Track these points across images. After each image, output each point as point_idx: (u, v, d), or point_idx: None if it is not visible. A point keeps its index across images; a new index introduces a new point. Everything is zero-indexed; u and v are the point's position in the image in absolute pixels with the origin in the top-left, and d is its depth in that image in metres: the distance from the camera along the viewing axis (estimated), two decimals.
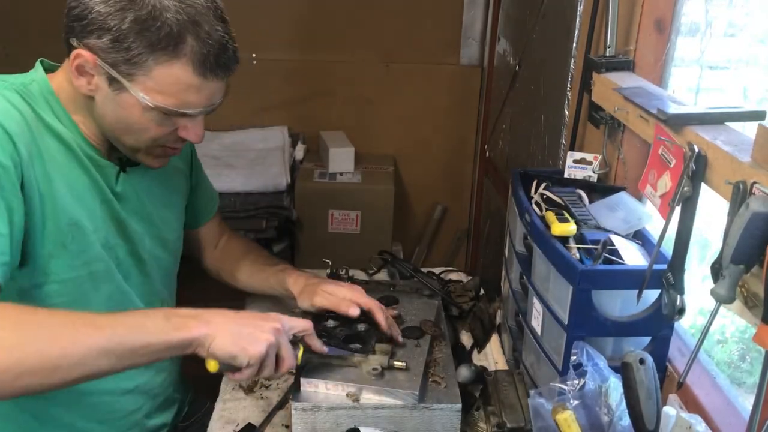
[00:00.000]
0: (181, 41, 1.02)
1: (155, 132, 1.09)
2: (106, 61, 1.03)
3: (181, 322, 0.99)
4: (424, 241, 2.96)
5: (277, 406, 1.30)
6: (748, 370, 1.25)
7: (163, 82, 1.03)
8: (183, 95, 1.05)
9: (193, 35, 1.02)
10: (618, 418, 1.01)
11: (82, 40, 1.03)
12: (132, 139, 1.11)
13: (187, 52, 1.02)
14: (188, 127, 1.11)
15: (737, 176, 0.89)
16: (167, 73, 1.03)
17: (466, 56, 2.78)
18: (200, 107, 1.08)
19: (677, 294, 1.04)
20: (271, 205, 2.47)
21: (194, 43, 1.03)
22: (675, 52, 1.35)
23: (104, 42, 1.02)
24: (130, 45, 1.01)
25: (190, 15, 1.02)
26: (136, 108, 1.06)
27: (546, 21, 1.86)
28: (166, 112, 1.06)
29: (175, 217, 1.35)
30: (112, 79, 1.04)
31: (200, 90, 1.06)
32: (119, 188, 1.18)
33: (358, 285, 1.52)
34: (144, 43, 1.01)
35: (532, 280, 1.25)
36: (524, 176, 1.41)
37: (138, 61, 1.02)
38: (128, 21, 1.00)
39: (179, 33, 1.01)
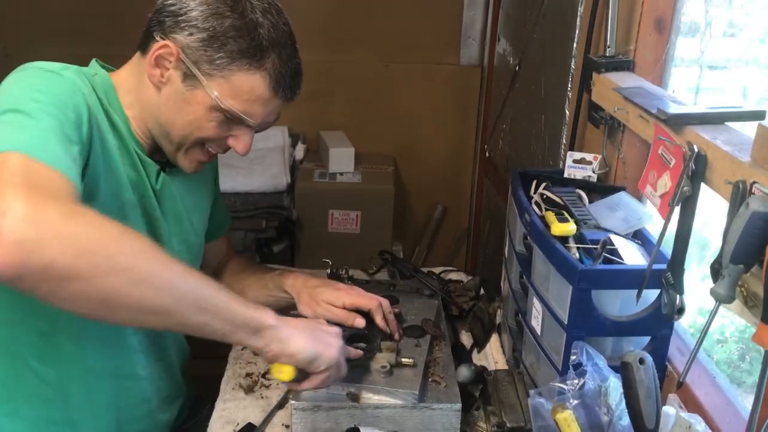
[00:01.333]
0: (266, 55, 1.11)
1: (210, 132, 1.15)
2: (189, 57, 1.10)
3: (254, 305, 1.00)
4: (424, 241, 2.96)
5: (277, 405, 1.30)
6: (748, 369, 1.25)
7: (238, 89, 1.11)
8: (251, 105, 1.13)
9: (277, 54, 1.12)
10: (618, 417, 1.01)
11: (168, 34, 1.11)
12: (181, 135, 1.15)
13: (268, 66, 1.12)
14: (239, 137, 1.17)
15: (737, 176, 0.89)
16: (245, 81, 1.11)
17: (466, 56, 2.78)
18: (259, 120, 1.15)
19: (677, 294, 1.04)
20: (271, 205, 2.47)
21: (276, 61, 1.12)
22: (675, 52, 1.35)
23: (194, 39, 1.09)
24: (220, 47, 1.09)
25: (279, 36, 1.13)
26: (203, 106, 1.12)
27: (546, 21, 1.86)
28: (231, 115, 1.12)
29: (202, 223, 1.39)
30: (187, 75, 1.10)
31: (267, 104, 1.15)
32: (158, 186, 1.22)
33: (359, 285, 1.53)
34: (235, 48, 1.09)
35: (532, 279, 1.25)
36: (524, 176, 1.41)
37: (222, 63, 1.09)
38: (226, 25, 1.09)
39: (267, 48, 1.11)
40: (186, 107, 1.13)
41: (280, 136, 2.72)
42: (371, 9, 2.69)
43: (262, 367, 1.41)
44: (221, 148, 1.20)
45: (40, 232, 0.79)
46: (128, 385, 1.27)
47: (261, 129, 1.19)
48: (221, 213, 1.50)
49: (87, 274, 0.81)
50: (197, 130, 1.15)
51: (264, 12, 1.12)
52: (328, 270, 1.55)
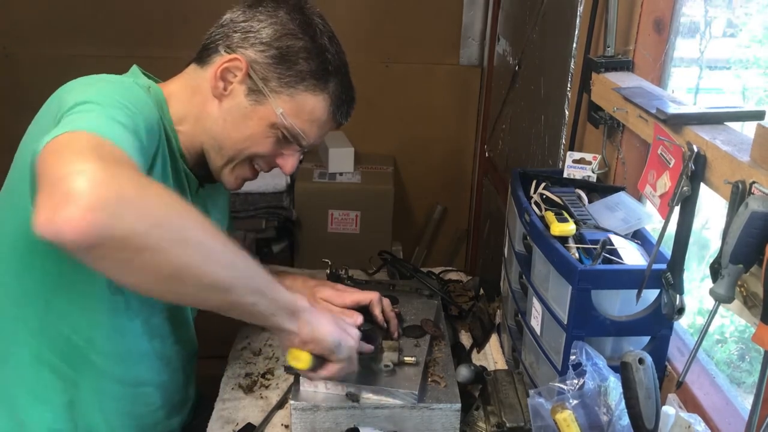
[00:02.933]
0: (330, 80, 1.17)
1: (264, 148, 1.17)
2: (257, 73, 1.13)
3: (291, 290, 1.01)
4: (423, 241, 2.96)
5: (276, 406, 1.30)
6: (748, 369, 1.25)
7: (301, 108, 1.15)
8: (310, 125, 1.17)
9: (339, 80, 1.18)
10: (617, 417, 1.01)
11: (236, 49, 1.13)
12: (234, 150, 1.17)
13: (331, 90, 1.17)
14: (288, 156, 1.21)
15: (736, 176, 0.89)
16: (309, 101, 1.15)
17: (465, 56, 2.78)
18: (312, 141, 1.19)
19: (676, 294, 1.04)
20: (271, 205, 2.47)
21: (337, 86, 1.18)
22: (674, 52, 1.35)
23: (264, 56, 1.13)
24: (291, 66, 1.13)
25: (342, 63, 1.19)
26: (265, 122, 1.14)
27: (546, 21, 1.86)
28: (289, 133, 1.16)
29: None
30: (252, 90, 1.13)
31: (323, 126, 1.19)
32: (195, 201, 1.24)
33: (358, 285, 1.53)
34: (305, 68, 1.13)
35: (532, 280, 1.25)
36: (524, 176, 1.41)
37: (291, 82, 1.13)
38: (299, 46, 1.13)
39: (332, 73, 1.16)
40: (246, 122, 1.15)
41: None
42: (371, 9, 2.69)
43: (261, 367, 1.41)
44: (268, 165, 1.23)
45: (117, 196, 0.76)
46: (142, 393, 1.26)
47: (306, 150, 1.22)
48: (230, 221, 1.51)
49: (163, 245, 0.79)
50: (253, 145, 1.16)
51: (330, 39, 1.17)
52: (328, 270, 1.55)
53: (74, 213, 0.73)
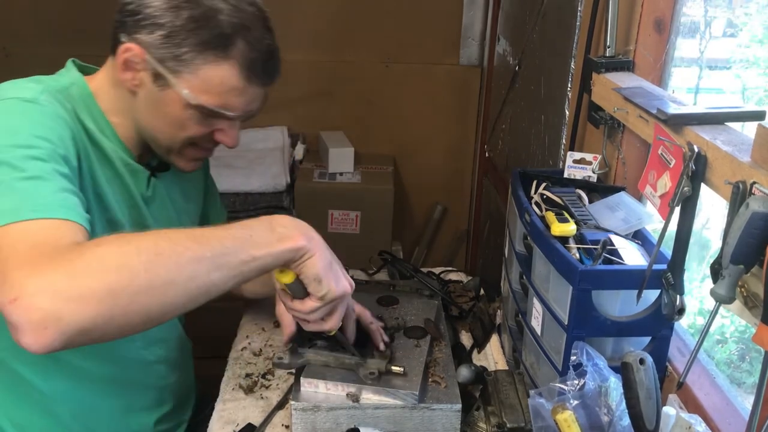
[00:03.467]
0: (231, 43, 1.05)
1: (192, 131, 1.11)
2: (154, 56, 1.05)
3: (285, 232, 0.96)
4: (423, 241, 2.96)
5: (277, 406, 1.30)
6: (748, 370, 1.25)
7: (208, 82, 1.06)
8: (225, 97, 1.08)
9: (243, 39, 1.05)
10: (618, 418, 1.01)
11: (132, 35, 1.06)
12: (168, 138, 1.13)
13: (236, 54, 1.05)
14: (225, 130, 1.14)
15: (737, 176, 0.89)
16: (214, 73, 1.06)
17: (465, 56, 2.78)
18: (240, 111, 1.11)
19: (677, 294, 1.04)
20: (271, 205, 2.47)
21: (243, 47, 1.06)
22: (675, 52, 1.35)
23: (155, 37, 1.04)
24: (181, 42, 1.04)
25: (243, 19, 1.06)
26: (178, 105, 1.08)
27: (546, 21, 1.86)
28: (206, 111, 1.09)
29: (193, 225, 1.37)
30: (157, 75, 1.06)
31: (243, 93, 1.09)
32: (149, 192, 1.20)
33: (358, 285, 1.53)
34: (196, 40, 1.04)
35: (532, 280, 1.25)
36: (524, 176, 1.41)
37: (187, 58, 1.05)
38: (183, 18, 1.03)
39: (231, 35, 1.05)
40: (163, 108, 1.09)
41: (280, 136, 2.72)
42: (371, 9, 2.69)
43: (261, 367, 1.41)
44: (211, 143, 1.17)
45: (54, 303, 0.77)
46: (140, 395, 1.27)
47: (247, 118, 1.14)
48: (216, 208, 1.47)
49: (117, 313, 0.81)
50: (180, 130, 1.11)
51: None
52: None
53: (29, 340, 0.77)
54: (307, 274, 0.99)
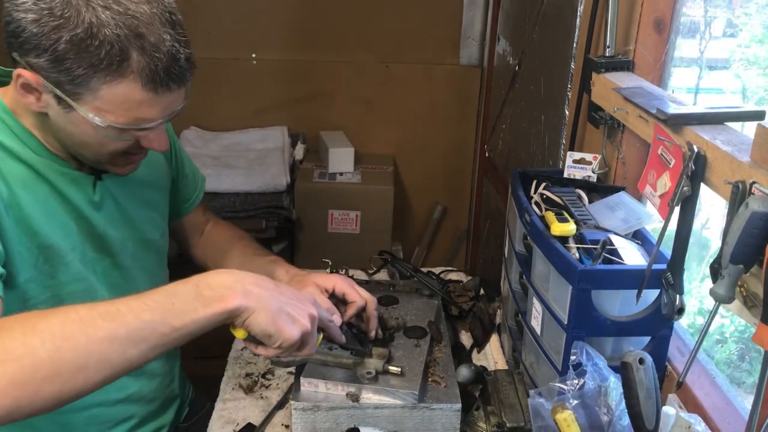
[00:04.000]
0: (124, 58, 0.93)
1: (114, 146, 1.04)
2: (49, 80, 0.95)
3: (213, 294, 0.90)
4: (423, 241, 2.96)
5: (277, 406, 1.30)
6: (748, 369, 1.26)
7: (111, 102, 0.96)
8: (135, 112, 0.98)
9: (137, 50, 0.94)
10: (617, 417, 1.01)
11: (23, 57, 0.95)
12: (93, 154, 1.06)
13: (133, 68, 0.94)
14: (150, 137, 1.05)
15: (736, 176, 0.89)
16: (114, 93, 0.96)
17: (465, 56, 2.79)
18: (156, 120, 1.01)
19: (677, 294, 1.04)
20: (271, 205, 2.47)
21: (140, 58, 0.94)
22: (674, 52, 1.35)
23: (44, 62, 0.93)
24: (69, 66, 0.93)
25: (132, 27, 0.93)
26: (89, 126, 0.99)
27: (546, 21, 1.86)
28: (119, 129, 1.00)
29: (159, 214, 1.31)
30: (59, 98, 0.97)
31: (154, 104, 0.99)
32: (97, 197, 1.14)
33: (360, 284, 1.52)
34: (84, 63, 0.93)
35: (532, 280, 1.25)
36: (524, 176, 1.41)
37: (81, 81, 0.94)
38: (63, 41, 0.92)
39: (121, 49, 0.93)
40: (76, 128, 1.00)
41: (280, 137, 2.73)
42: (371, 9, 2.69)
43: (261, 367, 1.42)
44: (142, 151, 1.09)
45: None
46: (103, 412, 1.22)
47: (169, 120, 1.04)
48: (190, 182, 1.40)
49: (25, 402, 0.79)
50: (101, 147, 1.03)
51: (105, 5, 0.92)
52: (328, 270, 1.55)
53: None
54: (254, 332, 0.94)
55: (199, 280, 0.91)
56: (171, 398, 1.39)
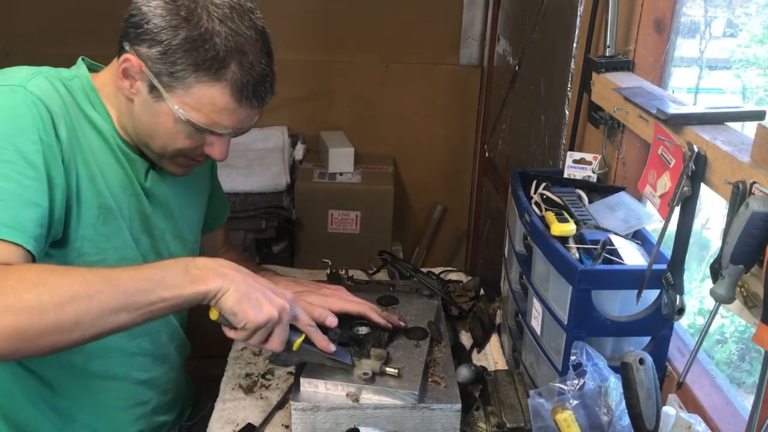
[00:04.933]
0: (224, 66, 1.07)
1: (182, 143, 1.14)
2: (151, 69, 1.08)
3: (199, 274, 1.01)
4: (423, 241, 2.96)
5: (276, 406, 1.30)
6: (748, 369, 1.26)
7: (199, 100, 1.09)
8: (215, 115, 1.10)
9: (237, 62, 1.08)
10: (618, 418, 1.01)
11: (133, 45, 1.09)
12: (159, 146, 1.15)
13: (228, 77, 1.08)
14: (214, 144, 1.16)
15: (737, 176, 0.89)
16: (205, 93, 1.08)
17: (465, 56, 2.79)
18: (229, 129, 1.13)
19: (677, 294, 1.04)
20: (271, 205, 2.47)
21: (236, 70, 1.08)
22: (675, 52, 1.35)
23: (153, 52, 1.07)
24: (176, 60, 1.06)
25: (238, 44, 1.07)
26: (170, 118, 1.10)
27: (546, 21, 1.86)
28: (195, 127, 1.11)
29: (197, 218, 1.39)
30: (152, 86, 1.09)
31: (233, 114, 1.11)
32: (148, 184, 1.22)
33: (358, 285, 1.53)
34: (189, 61, 1.06)
35: (532, 280, 1.25)
36: (524, 176, 1.41)
37: (180, 76, 1.07)
38: (179, 38, 1.06)
39: (224, 58, 1.07)
40: (156, 119, 1.12)
41: (280, 137, 2.73)
42: (371, 9, 2.69)
43: (261, 367, 1.41)
44: (202, 155, 1.19)
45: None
46: (122, 387, 1.28)
47: (237, 134, 1.17)
48: (219, 204, 1.49)
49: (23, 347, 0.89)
50: (171, 141, 1.14)
51: (223, 19, 1.07)
52: (328, 270, 1.55)
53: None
54: (223, 309, 1.03)
55: (188, 261, 1.03)
56: (180, 395, 1.43)
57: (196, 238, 1.39)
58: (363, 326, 1.29)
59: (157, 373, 1.33)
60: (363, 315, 1.29)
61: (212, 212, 1.46)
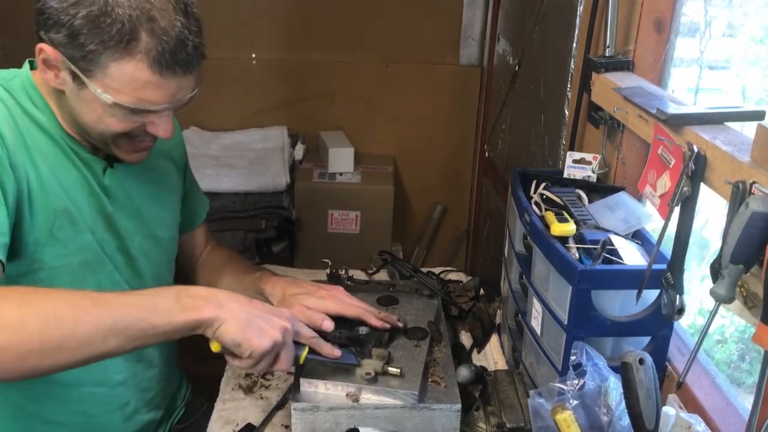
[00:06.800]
0: (133, 38, 0.99)
1: (120, 127, 1.07)
2: (66, 56, 1.01)
3: (191, 302, 0.98)
4: (423, 241, 2.96)
5: (276, 406, 1.30)
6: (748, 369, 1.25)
7: (119, 80, 1.01)
8: (141, 93, 1.03)
9: (147, 31, 0.99)
10: (617, 418, 1.01)
11: (47, 33, 1.02)
12: (98, 134, 1.10)
13: (141, 48, 0.99)
14: (155, 122, 1.09)
15: (736, 176, 0.89)
16: (122, 71, 1.00)
17: (465, 56, 2.79)
18: (163, 104, 1.05)
19: (677, 294, 1.04)
20: (271, 205, 2.47)
21: (148, 39, 0.99)
22: (674, 52, 1.35)
23: (62, 37, 1.00)
24: (83, 42, 0.99)
25: (145, 10, 0.99)
26: (98, 103, 1.04)
27: (546, 21, 1.86)
28: (127, 109, 1.04)
29: (170, 215, 1.34)
30: (74, 74, 1.03)
31: (159, 87, 1.03)
32: (107, 182, 1.18)
33: (358, 285, 1.53)
34: (96, 39, 0.98)
35: (532, 280, 1.25)
36: (524, 176, 1.41)
37: (93, 58, 1.00)
38: (80, 17, 0.98)
39: (132, 29, 0.98)
40: (86, 106, 1.06)
41: (280, 137, 2.73)
42: (371, 9, 2.69)
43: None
44: (148, 136, 1.12)
45: None
46: (100, 393, 1.25)
47: (177, 108, 1.09)
48: (196, 203, 1.45)
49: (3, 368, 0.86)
50: (107, 126, 1.07)
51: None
52: (328, 270, 1.55)
53: None
54: (224, 341, 1.01)
55: (180, 289, 1.01)
56: (168, 393, 1.41)
57: (173, 235, 1.36)
58: (363, 326, 1.29)
59: (132, 371, 1.29)
60: (360, 318, 1.28)
61: (189, 211, 1.43)
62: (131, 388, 1.30)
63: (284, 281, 1.36)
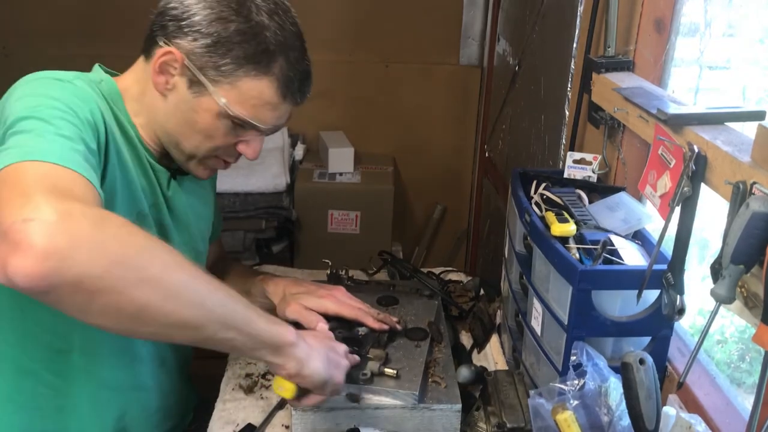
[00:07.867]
0: (273, 60, 1.08)
1: (219, 140, 1.13)
2: (194, 63, 1.07)
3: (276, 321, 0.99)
4: (423, 242, 2.96)
5: (277, 406, 1.30)
6: (748, 370, 1.25)
7: (246, 94, 1.08)
8: (259, 110, 1.10)
9: (284, 57, 1.09)
10: (618, 418, 1.01)
11: (171, 39, 1.07)
12: (192, 145, 1.13)
13: (276, 71, 1.08)
14: (249, 142, 1.15)
15: (737, 176, 0.89)
16: (253, 87, 1.08)
17: (465, 56, 2.79)
18: (270, 125, 1.13)
19: (677, 294, 1.04)
20: (271, 206, 2.47)
21: (284, 65, 1.09)
22: (674, 52, 1.35)
23: (198, 45, 1.06)
24: (225, 53, 1.06)
25: (285, 38, 1.09)
26: (211, 113, 1.09)
27: (546, 21, 1.86)
28: (239, 122, 1.10)
29: (207, 229, 1.38)
30: (193, 81, 1.08)
31: (276, 109, 1.11)
32: (170, 193, 1.20)
33: (358, 285, 1.53)
34: (240, 53, 1.06)
35: (532, 280, 1.25)
36: (524, 176, 1.41)
37: (227, 69, 1.06)
38: (230, 30, 1.06)
39: (274, 52, 1.07)
40: (194, 115, 1.10)
41: (280, 137, 2.72)
42: (371, 9, 2.69)
43: (261, 367, 1.41)
44: (232, 155, 1.18)
45: (70, 241, 0.74)
46: (136, 397, 1.26)
47: (270, 132, 1.16)
48: (218, 216, 1.48)
49: (119, 287, 0.77)
50: (207, 139, 1.12)
51: (270, 14, 1.08)
52: (328, 270, 1.55)
53: (25, 262, 0.72)
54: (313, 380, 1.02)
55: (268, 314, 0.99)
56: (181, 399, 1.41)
57: (207, 249, 1.39)
58: (362, 326, 1.29)
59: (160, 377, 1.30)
60: (358, 320, 1.28)
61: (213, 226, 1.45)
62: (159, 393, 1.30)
63: (286, 281, 1.37)
